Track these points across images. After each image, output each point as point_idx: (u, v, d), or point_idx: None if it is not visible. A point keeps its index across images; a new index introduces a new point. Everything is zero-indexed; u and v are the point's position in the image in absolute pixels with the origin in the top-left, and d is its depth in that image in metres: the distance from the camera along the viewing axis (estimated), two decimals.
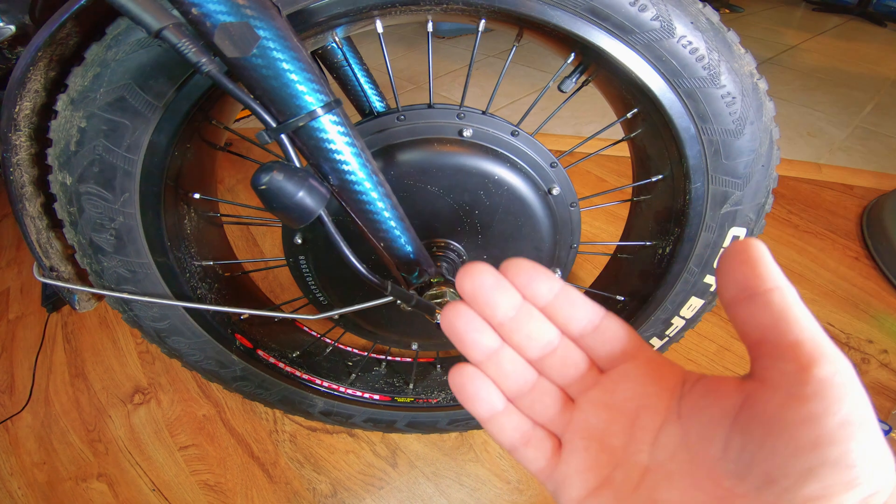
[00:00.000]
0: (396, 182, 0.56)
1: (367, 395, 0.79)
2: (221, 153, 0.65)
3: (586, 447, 0.25)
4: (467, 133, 0.56)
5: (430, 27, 0.54)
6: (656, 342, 0.71)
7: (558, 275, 0.64)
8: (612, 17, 0.47)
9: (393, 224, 0.46)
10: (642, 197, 0.69)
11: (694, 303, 0.66)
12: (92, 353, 1.03)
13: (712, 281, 0.64)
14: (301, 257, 0.62)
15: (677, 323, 0.68)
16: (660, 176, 0.61)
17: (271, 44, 0.36)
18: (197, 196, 0.60)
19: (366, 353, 0.86)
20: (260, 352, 0.71)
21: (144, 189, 0.52)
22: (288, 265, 0.63)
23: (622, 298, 0.72)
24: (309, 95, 0.38)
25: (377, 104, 0.66)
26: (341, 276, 0.63)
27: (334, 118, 0.40)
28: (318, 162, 0.42)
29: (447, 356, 0.90)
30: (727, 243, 0.60)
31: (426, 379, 0.84)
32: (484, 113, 0.56)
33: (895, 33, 2.47)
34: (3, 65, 0.55)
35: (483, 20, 0.52)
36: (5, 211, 1.41)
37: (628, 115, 0.59)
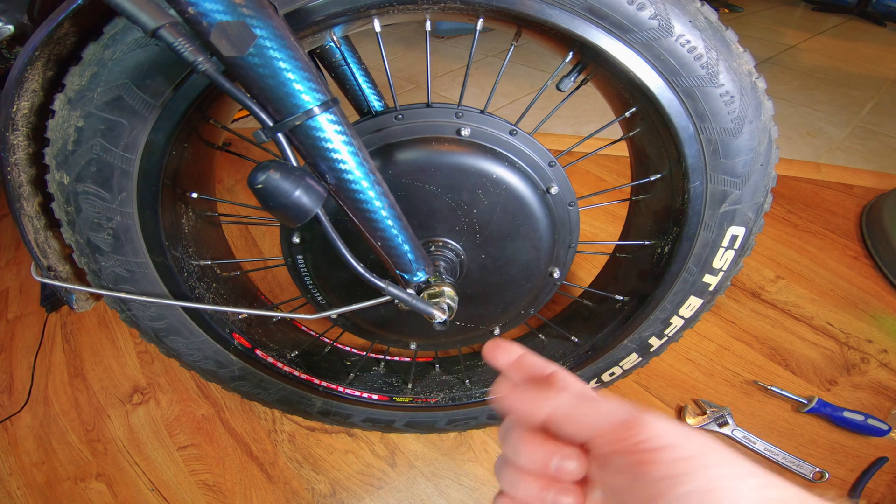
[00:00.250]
0: (394, 181, 0.56)
1: (366, 395, 0.79)
2: (219, 153, 0.65)
3: None
4: (465, 132, 0.56)
5: (429, 26, 0.54)
6: (655, 341, 0.71)
7: (557, 274, 0.64)
8: (611, 16, 0.47)
9: (390, 223, 0.46)
10: (641, 196, 0.69)
11: (693, 302, 0.66)
12: (91, 353, 1.03)
13: (711, 280, 0.64)
14: (299, 257, 0.62)
15: (676, 322, 0.68)
16: (658, 175, 0.61)
17: (268, 43, 0.36)
18: (195, 195, 0.60)
19: (364, 353, 0.85)
20: (258, 351, 0.71)
21: (142, 188, 0.52)
22: (286, 265, 0.63)
23: (621, 298, 0.72)
24: (306, 94, 0.38)
25: (375, 103, 0.66)
26: (339, 276, 0.63)
27: (331, 117, 0.40)
28: (315, 161, 0.42)
29: (445, 356, 0.90)
30: (726, 242, 0.60)
31: (425, 379, 0.84)
32: (482, 112, 0.56)
33: (894, 33, 2.48)
34: (2, 64, 0.54)
35: (481, 19, 0.52)
36: (3, 211, 1.41)
37: (627, 114, 0.59)
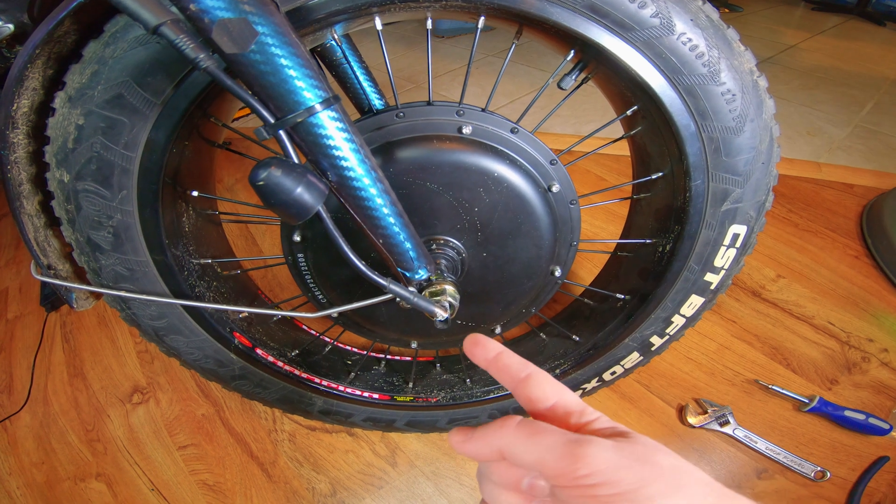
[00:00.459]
0: (395, 179, 0.55)
1: (367, 394, 0.79)
2: (220, 151, 0.65)
3: None
4: (467, 130, 0.56)
5: (430, 24, 0.54)
6: (656, 340, 0.70)
7: (558, 273, 0.64)
8: (612, 14, 0.47)
9: (392, 221, 0.46)
10: (642, 195, 0.69)
11: (694, 301, 0.66)
12: (91, 353, 1.02)
13: (713, 279, 0.63)
14: (300, 255, 0.62)
15: (678, 321, 0.68)
16: (660, 173, 0.61)
17: (270, 40, 0.36)
18: (195, 194, 0.60)
19: (365, 352, 0.85)
20: (259, 350, 0.71)
21: (142, 186, 0.51)
22: (287, 263, 0.63)
23: (622, 296, 0.71)
24: (307, 91, 0.38)
25: (376, 102, 0.66)
26: (340, 274, 0.63)
27: (333, 114, 0.40)
28: (317, 158, 0.41)
29: (446, 355, 0.90)
30: (727, 241, 0.60)
31: (425, 378, 0.84)
32: (483, 110, 0.56)
33: (894, 32, 2.48)
34: (2, 63, 0.54)
35: (482, 17, 0.52)
36: (3, 210, 1.41)
37: (628, 113, 0.59)
